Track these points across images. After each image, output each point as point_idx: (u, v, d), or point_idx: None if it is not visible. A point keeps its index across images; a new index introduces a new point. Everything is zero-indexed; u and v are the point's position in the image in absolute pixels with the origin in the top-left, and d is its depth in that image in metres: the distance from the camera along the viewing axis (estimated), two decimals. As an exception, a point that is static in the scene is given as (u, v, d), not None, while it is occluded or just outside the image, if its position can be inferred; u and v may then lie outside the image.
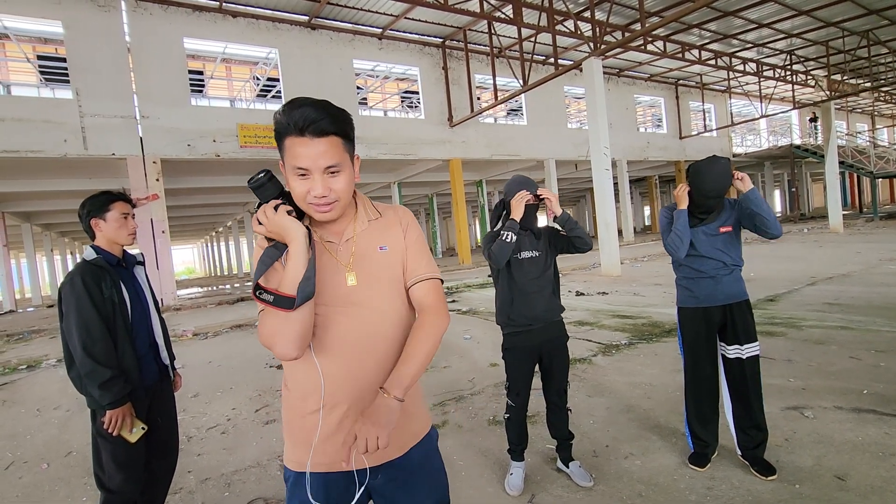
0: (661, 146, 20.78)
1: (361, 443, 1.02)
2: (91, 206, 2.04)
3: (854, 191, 29.17)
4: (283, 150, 1.10)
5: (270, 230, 1.06)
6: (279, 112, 1.07)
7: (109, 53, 10.00)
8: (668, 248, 2.47)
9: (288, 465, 1.20)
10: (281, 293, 1.01)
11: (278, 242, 1.07)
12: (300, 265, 1.03)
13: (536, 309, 2.38)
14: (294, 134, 1.05)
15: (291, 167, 1.07)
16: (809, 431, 2.67)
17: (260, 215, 1.07)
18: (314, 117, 1.04)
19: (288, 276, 1.02)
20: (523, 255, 2.41)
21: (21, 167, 10.80)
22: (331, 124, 1.05)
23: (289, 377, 1.20)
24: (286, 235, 1.05)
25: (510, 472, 2.45)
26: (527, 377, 2.43)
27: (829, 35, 16.05)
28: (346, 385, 1.12)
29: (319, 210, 1.09)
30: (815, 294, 6.42)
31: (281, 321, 1.03)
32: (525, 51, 12.49)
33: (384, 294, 1.17)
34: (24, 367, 6.24)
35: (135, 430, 1.94)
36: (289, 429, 1.20)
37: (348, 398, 1.13)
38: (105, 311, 1.93)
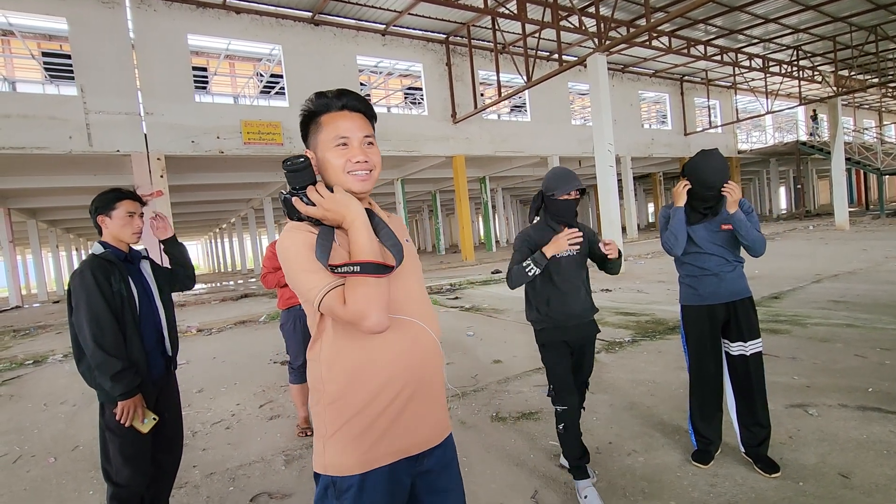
0: (666, 143, 20.68)
1: None
2: (99, 203, 2.08)
3: (860, 188, 28.94)
4: (317, 129, 1.15)
5: (329, 208, 1.06)
6: (310, 100, 1.17)
7: (114, 50, 10.02)
8: (665, 245, 2.47)
9: (345, 473, 1.08)
10: (373, 261, 1.01)
11: (325, 224, 1.09)
12: (372, 234, 1.07)
13: (573, 308, 2.30)
14: (334, 110, 1.16)
15: (332, 139, 1.13)
16: (814, 429, 2.66)
17: (312, 195, 1.07)
18: (351, 96, 1.17)
19: (364, 246, 1.04)
20: (561, 253, 2.27)
21: (27, 163, 10.87)
22: (363, 105, 1.19)
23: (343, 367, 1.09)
24: (349, 211, 1.06)
25: (582, 494, 2.15)
26: (570, 373, 2.29)
27: (837, 30, 15.90)
28: (416, 355, 1.13)
29: (359, 178, 1.14)
30: (821, 291, 6.39)
31: (373, 289, 1.01)
32: (529, 47, 12.43)
33: (419, 280, 1.24)
34: (31, 363, 6.30)
35: (146, 420, 1.96)
36: (348, 428, 1.09)
37: (416, 372, 1.13)
38: (114, 305, 1.95)
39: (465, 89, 14.74)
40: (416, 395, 1.12)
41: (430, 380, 1.15)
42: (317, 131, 1.15)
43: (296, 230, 1.10)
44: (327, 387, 1.11)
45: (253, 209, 22.25)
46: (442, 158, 15.03)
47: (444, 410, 1.20)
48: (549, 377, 2.32)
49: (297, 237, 1.09)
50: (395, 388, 1.10)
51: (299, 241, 1.08)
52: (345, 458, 1.09)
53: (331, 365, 1.11)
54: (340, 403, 1.10)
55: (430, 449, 1.16)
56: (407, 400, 1.11)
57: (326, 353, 1.12)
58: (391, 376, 1.09)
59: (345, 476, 1.08)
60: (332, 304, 1.02)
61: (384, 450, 1.10)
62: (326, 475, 1.10)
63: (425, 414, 1.15)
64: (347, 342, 1.10)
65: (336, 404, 1.10)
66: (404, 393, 1.11)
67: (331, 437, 1.11)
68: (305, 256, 1.06)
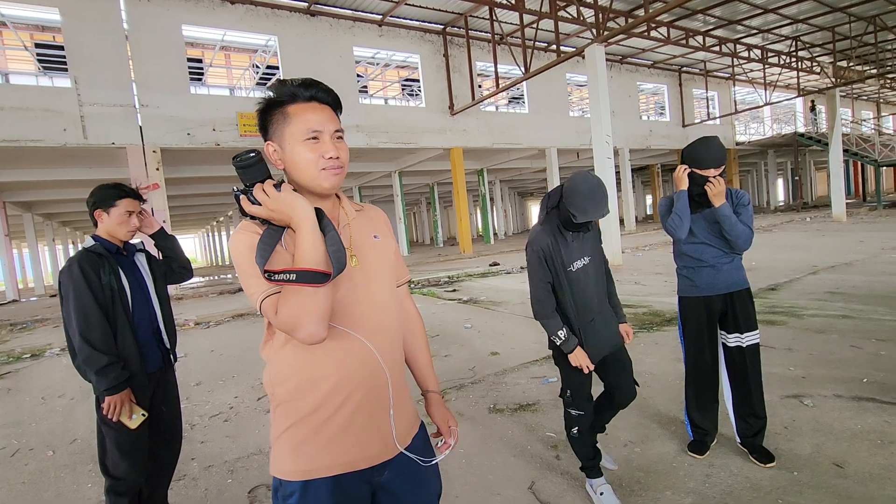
0: (664, 134, 20.63)
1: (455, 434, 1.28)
2: (98, 197, 2.05)
3: (858, 179, 28.97)
4: (284, 120, 1.08)
5: (274, 208, 1.00)
6: (275, 85, 1.09)
7: (107, 41, 9.91)
8: (669, 227, 2.42)
9: (288, 478, 1.06)
10: (311, 269, 0.95)
11: (273, 224, 1.03)
12: (318, 239, 0.99)
13: (601, 337, 2.10)
14: (302, 100, 1.09)
15: (302, 132, 1.06)
16: (809, 419, 2.68)
17: (258, 194, 1.02)
18: (320, 87, 1.11)
19: (307, 251, 0.97)
20: (576, 265, 2.07)
21: (21, 156, 10.77)
22: (332, 97, 1.13)
23: (290, 372, 1.07)
24: (295, 212, 0.99)
25: (598, 491, 2.12)
26: (590, 381, 2.15)
27: (836, 20, 15.83)
28: (360, 370, 1.07)
29: (332, 174, 1.09)
30: (817, 283, 6.41)
31: (309, 299, 0.95)
32: (527, 37, 12.34)
33: (384, 280, 1.17)
34: (28, 356, 6.29)
35: (135, 416, 1.95)
36: (292, 432, 1.07)
37: (362, 385, 1.07)
38: (103, 298, 1.94)
39: (462, 81, 14.65)
40: (364, 406, 1.08)
41: (379, 392, 1.10)
42: (283, 122, 1.08)
43: (243, 231, 1.06)
44: (276, 389, 1.09)
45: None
46: (439, 151, 14.97)
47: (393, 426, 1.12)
48: (566, 383, 2.16)
49: (242, 238, 1.04)
50: (338, 398, 1.06)
51: (244, 242, 1.03)
52: (290, 463, 1.07)
53: (279, 368, 1.09)
54: (287, 407, 1.08)
55: (383, 463, 1.11)
56: (353, 412, 1.07)
57: (275, 356, 1.10)
58: (335, 386, 1.05)
59: (288, 480, 1.07)
60: (267, 311, 0.99)
61: (328, 460, 1.06)
62: (274, 477, 1.09)
63: (375, 427, 1.10)
64: (293, 347, 1.06)
65: (283, 406, 1.08)
66: (350, 404, 1.06)
67: (277, 440, 1.09)
68: (248, 259, 1.01)
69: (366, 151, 14.01)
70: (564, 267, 2.06)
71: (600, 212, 1.95)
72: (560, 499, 2.21)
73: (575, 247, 2.09)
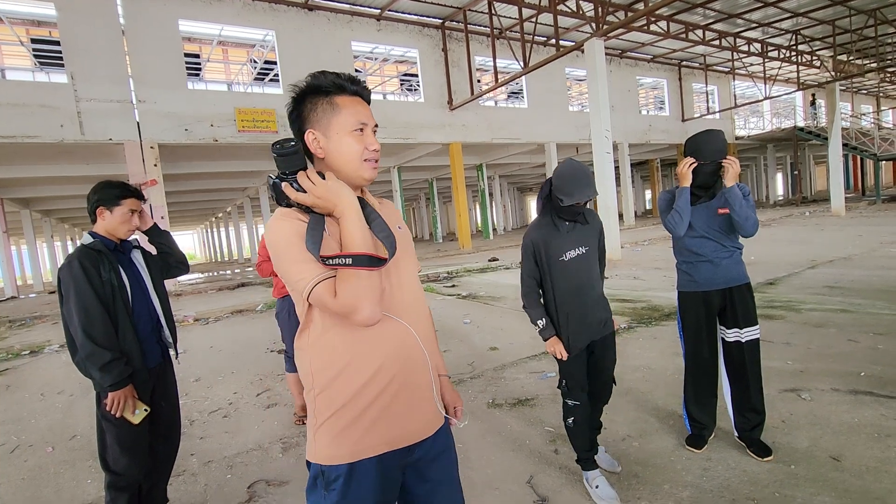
0: (664, 129, 20.59)
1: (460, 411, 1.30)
2: (102, 195, 2.04)
3: (857, 173, 28.97)
4: (332, 110, 1.11)
5: (320, 195, 1.04)
6: (318, 76, 1.12)
7: (103, 36, 9.85)
8: (668, 224, 2.40)
9: (333, 462, 1.08)
10: (367, 253, 1.00)
11: (314, 212, 1.06)
12: (364, 225, 1.05)
13: (593, 319, 2.16)
14: (350, 94, 1.14)
15: (351, 123, 1.11)
16: (806, 413, 2.69)
17: (304, 181, 1.05)
18: (362, 84, 1.16)
19: (357, 237, 1.01)
20: (569, 254, 2.12)
21: (18, 153, 10.74)
22: (370, 94, 1.19)
23: (333, 358, 1.08)
24: (340, 199, 1.04)
25: (593, 484, 2.14)
26: (584, 371, 2.21)
27: (836, 14, 15.77)
28: (402, 352, 1.12)
29: (372, 166, 1.14)
30: (816, 277, 6.42)
31: (366, 282, 1.00)
32: (526, 32, 12.28)
33: (412, 268, 1.23)
34: (28, 353, 6.29)
35: (137, 411, 1.96)
36: (336, 418, 1.08)
37: (404, 367, 1.12)
38: (104, 295, 1.94)
39: (461, 75, 14.59)
40: (405, 387, 1.12)
41: (418, 374, 1.14)
42: (331, 112, 1.10)
43: (285, 218, 1.07)
44: (317, 377, 1.10)
45: (249, 198, 22.13)
46: (438, 146, 14.93)
47: (433, 404, 1.19)
48: (562, 373, 2.22)
49: (286, 225, 1.05)
50: (383, 381, 1.09)
51: (289, 229, 1.05)
52: (334, 448, 1.08)
53: (319, 355, 1.10)
54: (329, 393, 1.09)
55: (420, 441, 1.16)
56: (395, 392, 1.10)
57: (315, 344, 1.10)
58: (379, 369, 1.08)
59: (333, 465, 1.08)
60: (322, 296, 1.00)
61: (373, 440, 1.09)
62: (316, 464, 1.10)
63: (415, 406, 1.14)
64: (336, 333, 1.08)
65: (325, 394, 1.09)
66: (392, 385, 1.10)
67: (321, 427, 1.10)
68: (295, 245, 1.03)
69: (364, 147, 13.94)
70: (556, 256, 2.12)
71: (585, 194, 2.01)
72: (558, 493, 2.22)
73: (570, 237, 2.15)
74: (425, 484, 1.19)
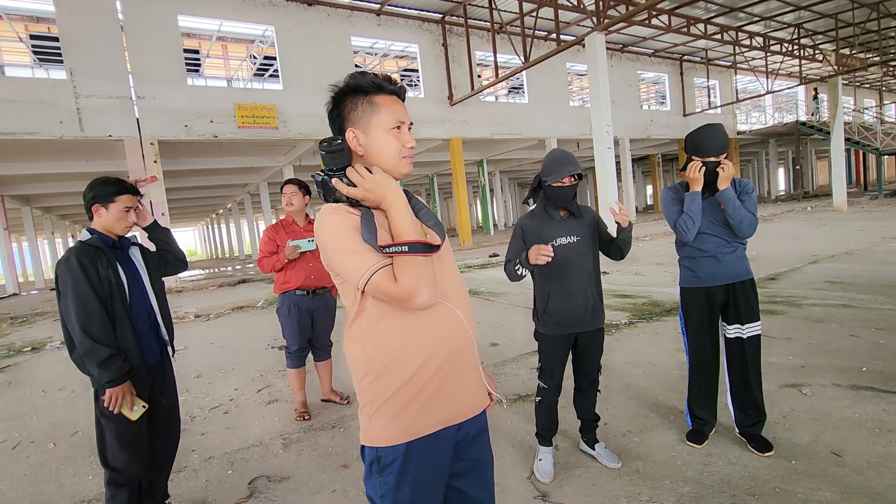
0: (665, 124, 20.51)
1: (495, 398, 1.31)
2: (97, 192, 2.03)
3: (859, 168, 28.85)
4: (372, 109, 1.15)
5: (370, 188, 1.10)
6: (359, 74, 1.17)
7: (102, 32, 9.81)
8: (679, 229, 2.36)
9: (390, 443, 1.12)
10: (421, 240, 1.05)
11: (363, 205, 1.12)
12: (412, 214, 1.12)
13: (576, 308, 2.20)
14: (388, 93, 1.18)
15: (390, 121, 1.15)
16: (807, 408, 2.68)
17: (353, 176, 1.11)
18: (399, 84, 1.20)
19: (408, 226, 1.07)
20: (559, 241, 2.19)
21: (18, 149, 10.72)
22: (405, 93, 1.23)
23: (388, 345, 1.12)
24: (388, 192, 1.10)
25: (539, 457, 2.35)
26: (562, 359, 2.32)
27: (839, 7, 15.66)
28: (452, 334, 1.16)
29: (409, 161, 1.20)
30: (817, 272, 6.41)
31: (424, 268, 1.06)
32: (527, 26, 12.21)
33: (451, 255, 1.28)
34: (29, 349, 6.31)
35: (135, 408, 1.95)
36: (393, 401, 1.12)
37: (455, 349, 1.16)
38: (102, 291, 1.93)
39: (461, 71, 14.53)
40: (456, 367, 1.16)
41: (466, 354, 1.19)
42: (371, 111, 1.15)
43: (337, 212, 1.12)
44: (370, 364, 1.13)
45: (249, 194, 22.11)
46: (439, 141, 14.89)
47: (480, 382, 1.24)
48: (540, 355, 2.37)
49: (340, 219, 1.11)
50: (436, 363, 1.13)
51: (343, 222, 1.10)
52: (389, 430, 1.12)
53: (374, 343, 1.13)
54: (384, 379, 1.13)
55: (467, 420, 1.20)
56: (447, 373, 1.15)
57: (368, 332, 1.14)
58: (432, 351, 1.12)
59: (389, 447, 1.12)
60: (382, 283, 1.05)
61: (428, 420, 1.13)
62: (372, 448, 1.14)
63: (465, 384, 1.19)
64: (389, 320, 1.12)
65: (380, 380, 1.13)
66: (445, 367, 1.14)
67: (376, 412, 1.13)
68: (351, 237, 1.08)
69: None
70: (546, 241, 2.17)
71: (566, 170, 2.13)
72: (559, 489, 2.22)
73: (562, 226, 2.24)
74: (462, 462, 1.23)
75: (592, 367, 2.37)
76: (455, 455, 1.21)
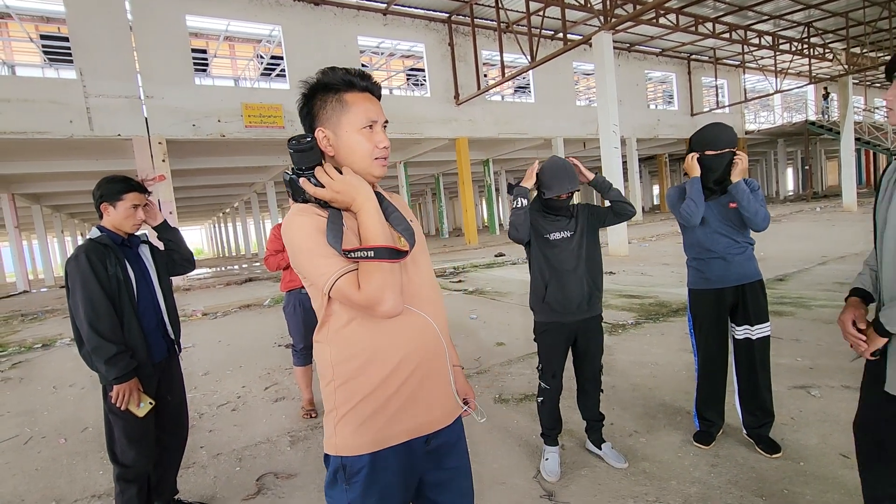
0: (672, 123, 20.40)
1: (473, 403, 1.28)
2: (105, 191, 2.05)
3: (869, 168, 28.57)
4: (342, 107, 1.10)
5: (339, 189, 1.05)
6: (326, 73, 1.11)
7: (112, 32, 9.90)
8: (684, 213, 2.35)
9: (356, 452, 1.07)
10: (388, 245, 1.00)
11: (332, 206, 1.07)
12: (383, 218, 1.06)
13: (572, 296, 2.25)
14: (359, 90, 1.12)
15: (361, 120, 1.10)
16: (816, 410, 2.66)
17: (322, 177, 1.05)
18: (372, 79, 1.14)
19: (377, 230, 1.03)
20: (553, 236, 2.27)
21: (28, 148, 10.85)
22: (380, 90, 1.17)
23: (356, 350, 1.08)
24: (359, 193, 1.05)
25: (545, 457, 2.37)
26: (561, 359, 2.35)
27: (849, 6, 15.50)
28: (423, 342, 1.12)
29: (382, 163, 1.14)
30: (827, 273, 6.35)
31: (389, 274, 1.01)
32: (533, 25, 12.19)
33: (426, 259, 1.23)
34: (40, 346, 6.38)
35: (142, 404, 1.98)
36: (359, 408, 1.08)
37: (426, 357, 1.12)
38: (110, 288, 1.95)
39: (468, 70, 14.52)
40: (428, 376, 1.13)
41: (437, 364, 1.15)
42: (341, 110, 1.10)
43: (304, 213, 1.07)
44: (337, 369, 1.09)
45: (256, 193, 22.22)
46: (445, 141, 14.90)
47: (451, 393, 1.20)
48: (540, 356, 2.39)
49: (306, 220, 1.06)
50: (405, 371, 1.09)
51: (309, 224, 1.05)
52: (356, 438, 1.08)
53: (342, 348, 1.09)
54: (352, 384, 1.09)
55: (439, 430, 1.16)
56: (417, 382, 1.11)
57: (336, 336, 1.09)
58: (401, 359, 1.09)
59: (355, 456, 1.08)
60: (345, 289, 1.01)
61: (396, 429, 1.09)
62: (337, 457, 1.09)
63: (435, 396, 1.15)
64: (358, 325, 1.08)
65: (347, 385, 1.09)
66: (416, 375, 1.10)
67: (342, 418, 1.09)
68: (315, 240, 1.03)
69: (371, 142, 13.95)
70: (541, 234, 2.29)
71: (564, 187, 2.20)
72: (565, 488, 2.22)
73: (557, 223, 2.31)
74: (442, 472, 1.20)
75: (593, 367, 2.38)
76: (433, 465, 1.17)
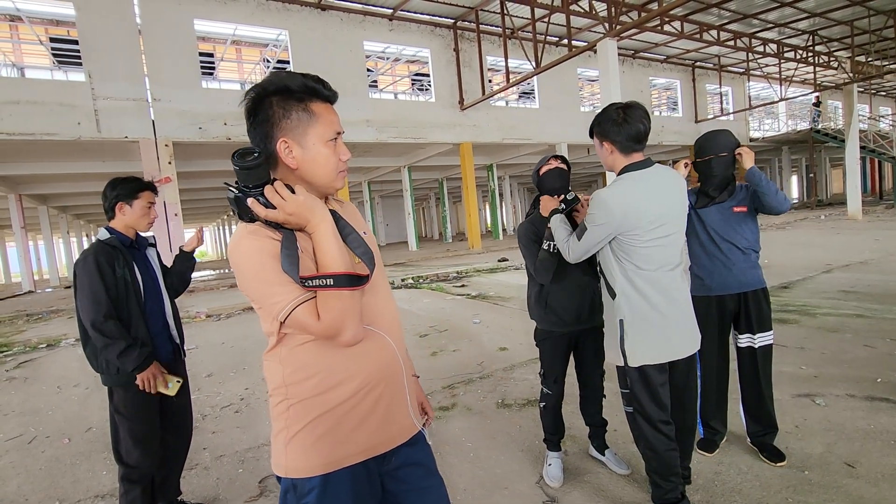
0: (676, 130, 20.37)
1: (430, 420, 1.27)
2: (122, 191, 2.09)
3: (874, 177, 28.41)
4: (309, 118, 1.03)
5: (292, 211, 0.96)
6: (287, 74, 1.04)
7: (121, 35, 10.00)
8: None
9: (306, 474, 1.03)
10: (348, 272, 0.95)
11: (285, 228, 0.99)
12: (341, 242, 1.00)
13: (575, 305, 2.23)
14: (322, 100, 1.07)
15: (329, 133, 1.05)
16: (820, 419, 2.65)
17: (272, 197, 0.95)
18: (329, 87, 1.08)
19: (335, 255, 0.96)
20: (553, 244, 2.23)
21: (36, 150, 10.94)
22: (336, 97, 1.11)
23: (311, 370, 1.03)
24: (313, 215, 0.97)
25: (548, 462, 2.37)
26: (563, 364, 2.34)
27: (855, 14, 15.49)
28: (381, 362, 1.09)
29: (343, 176, 1.10)
30: (831, 281, 6.33)
31: (349, 302, 0.96)
32: (538, 32, 12.23)
33: (383, 275, 1.18)
34: (44, 346, 6.41)
35: (171, 384, 2.02)
36: (311, 428, 1.03)
37: (384, 377, 1.08)
38: (116, 290, 1.98)
39: (472, 75, 14.58)
40: (383, 396, 1.08)
41: (394, 381, 1.11)
42: (308, 121, 1.02)
43: (254, 235, 0.98)
44: (291, 389, 1.04)
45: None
46: (449, 146, 14.93)
47: (408, 411, 1.15)
48: (542, 361, 2.39)
49: (256, 244, 0.97)
50: (364, 391, 1.05)
51: (260, 248, 0.96)
52: (307, 460, 1.02)
53: (296, 368, 1.03)
54: (307, 403, 1.03)
55: (398, 447, 1.12)
56: (374, 401, 1.07)
57: (290, 356, 1.04)
58: (356, 378, 1.04)
59: (305, 478, 1.03)
60: (303, 319, 0.95)
61: (348, 450, 1.04)
62: (287, 478, 1.05)
63: (391, 415, 1.10)
64: (315, 346, 1.02)
65: (300, 404, 1.03)
66: (371, 395, 1.06)
67: (293, 437, 1.03)
68: (268, 266, 0.95)
69: (375, 146, 14.02)
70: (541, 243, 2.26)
71: (548, 156, 2.32)
72: (567, 494, 2.21)
73: None
74: (410, 494, 1.15)
75: (595, 373, 2.37)
76: (397, 484, 1.13)
